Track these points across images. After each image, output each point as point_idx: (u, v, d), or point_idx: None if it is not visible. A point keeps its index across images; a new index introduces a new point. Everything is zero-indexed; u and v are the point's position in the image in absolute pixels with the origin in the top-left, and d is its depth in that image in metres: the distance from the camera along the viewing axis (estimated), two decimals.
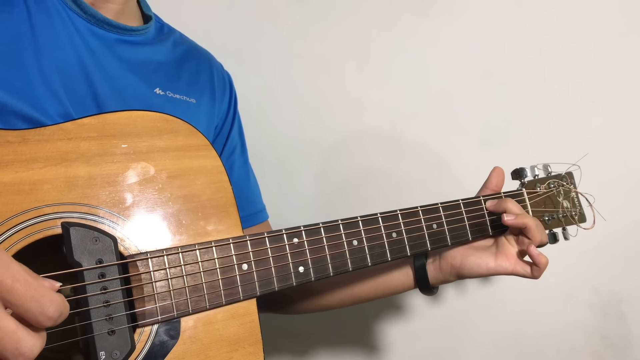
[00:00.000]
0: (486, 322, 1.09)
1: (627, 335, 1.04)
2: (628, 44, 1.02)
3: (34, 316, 0.41)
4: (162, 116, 0.59)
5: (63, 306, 0.42)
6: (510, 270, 0.74)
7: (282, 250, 0.61)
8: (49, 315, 0.41)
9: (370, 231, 0.67)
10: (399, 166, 1.10)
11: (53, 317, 0.41)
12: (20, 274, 0.41)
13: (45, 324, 0.41)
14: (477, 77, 1.07)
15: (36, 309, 0.41)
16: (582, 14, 1.03)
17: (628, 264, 1.04)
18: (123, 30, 0.70)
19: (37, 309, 0.41)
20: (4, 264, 0.40)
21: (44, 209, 0.51)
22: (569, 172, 0.86)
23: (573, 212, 0.85)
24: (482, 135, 1.07)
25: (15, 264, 0.41)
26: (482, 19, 1.06)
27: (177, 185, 0.58)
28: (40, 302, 0.41)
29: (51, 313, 0.41)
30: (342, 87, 1.11)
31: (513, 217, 0.73)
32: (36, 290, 0.41)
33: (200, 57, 0.83)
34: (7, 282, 0.40)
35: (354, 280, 0.83)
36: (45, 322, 0.41)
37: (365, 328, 1.13)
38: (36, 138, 0.52)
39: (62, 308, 0.42)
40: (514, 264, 0.74)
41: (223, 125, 0.84)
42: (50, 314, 0.41)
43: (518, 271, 0.74)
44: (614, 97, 1.03)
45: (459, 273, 0.77)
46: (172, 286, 0.55)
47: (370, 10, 1.09)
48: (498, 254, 0.75)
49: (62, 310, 0.42)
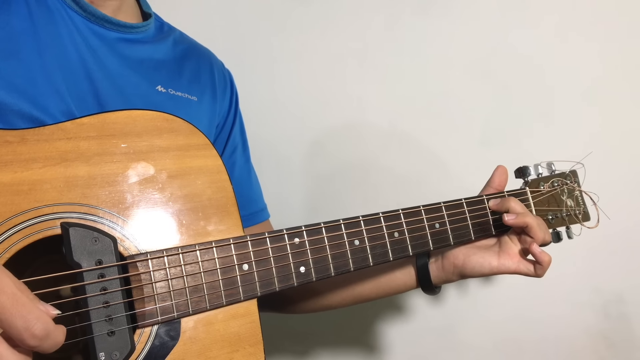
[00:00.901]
0: (486, 322, 1.09)
1: (628, 336, 1.04)
2: (630, 42, 1.01)
3: (19, 333, 0.39)
4: (162, 115, 0.59)
5: (51, 327, 0.40)
6: (514, 269, 0.74)
7: (283, 250, 0.61)
8: (34, 334, 0.39)
9: (372, 231, 0.67)
10: (399, 165, 1.10)
11: (38, 336, 0.39)
12: (8, 287, 0.39)
13: (29, 342, 0.39)
14: (477, 77, 1.06)
15: (21, 325, 0.38)
16: (582, 12, 1.02)
17: (630, 264, 1.03)
18: (123, 27, 0.70)
19: (22, 325, 0.38)
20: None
21: (43, 209, 0.51)
22: (572, 171, 0.86)
23: (577, 211, 0.85)
24: (482, 134, 1.07)
25: (5, 277, 0.39)
26: (483, 19, 1.05)
27: (177, 185, 0.58)
28: (26, 319, 0.39)
29: (37, 331, 0.39)
30: (342, 87, 1.11)
31: (514, 217, 0.73)
32: (23, 306, 0.39)
33: (201, 56, 0.82)
34: None
35: (355, 279, 0.83)
36: (29, 340, 0.39)
37: (365, 328, 1.13)
38: (35, 138, 0.52)
39: (49, 329, 0.40)
40: (517, 262, 0.74)
41: (224, 124, 0.84)
42: (37, 332, 0.39)
43: (521, 270, 0.73)
44: (617, 95, 1.02)
45: (461, 272, 0.76)
46: (172, 287, 0.54)
47: (371, 10, 1.09)
48: (501, 253, 0.75)
49: (49, 331, 0.40)
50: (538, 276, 0.73)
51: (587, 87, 1.03)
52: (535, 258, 0.72)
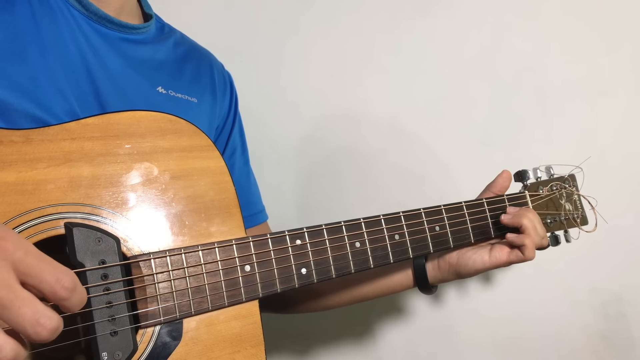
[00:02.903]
0: (486, 322, 1.09)
1: (627, 336, 1.04)
2: (631, 43, 1.02)
3: (50, 286, 0.40)
4: (166, 116, 0.59)
5: (77, 281, 0.42)
6: (505, 260, 0.75)
7: (284, 252, 0.61)
8: (65, 285, 0.40)
9: (373, 233, 0.67)
10: (400, 166, 1.10)
11: (69, 288, 0.41)
12: (32, 247, 0.41)
13: (61, 294, 0.40)
14: (478, 77, 1.06)
15: (51, 279, 0.40)
16: (582, 13, 1.03)
17: (629, 264, 1.04)
18: (125, 28, 0.70)
19: (53, 279, 0.40)
20: (16, 239, 0.40)
21: (47, 209, 0.51)
22: (571, 175, 0.86)
23: (575, 215, 0.85)
24: (482, 135, 1.07)
25: (25, 241, 0.41)
26: (483, 18, 1.06)
27: (180, 186, 0.58)
28: (55, 273, 0.40)
29: (67, 283, 0.40)
30: (342, 87, 1.11)
31: (510, 217, 0.76)
32: (50, 263, 0.41)
33: (201, 57, 0.83)
34: (20, 253, 0.39)
35: (353, 279, 0.84)
36: (61, 292, 0.40)
37: (365, 328, 1.13)
38: (40, 138, 0.52)
39: (76, 282, 0.42)
40: (507, 254, 0.75)
41: (224, 126, 0.84)
42: (66, 284, 0.40)
43: (512, 259, 0.75)
44: (617, 98, 1.03)
45: (457, 271, 0.78)
46: (174, 287, 0.55)
47: (371, 10, 1.09)
48: (492, 249, 0.76)
49: (76, 283, 0.41)
50: (529, 258, 0.74)
51: (588, 89, 1.03)
52: (515, 244, 0.74)
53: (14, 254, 0.39)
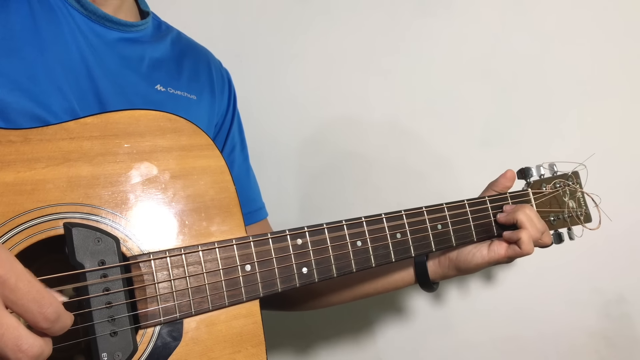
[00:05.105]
0: (486, 322, 1.09)
1: (629, 335, 1.04)
2: (630, 42, 1.01)
3: (33, 316, 0.41)
4: (165, 115, 0.59)
5: (62, 311, 0.43)
6: (503, 254, 0.75)
7: (285, 251, 0.60)
8: (47, 317, 0.42)
9: (375, 232, 0.66)
10: (400, 165, 1.10)
11: (50, 319, 0.42)
12: (23, 274, 0.41)
13: (42, 325, 0.42)
14: (478, 77, 1.06)
15: (36, 309, 0.41)
16: (583, 13, 1.02)
17: (630, 264, 1.03)
18: (123, 26, 0.70)
19: (37, 309, 0.41)
20: (8, 263, 0.41)
21: (46, 209, 0.50)
22: (575, 172, 0.86)
23: (579, 212, 0.85)
24: (482, 134, 1.06)
25: (18, 264, 0.42)
26: (483, 18, 1.05)
27: (180, 185, 0.58)
28: (40, 303, 0.41)
29: (49, 314, 0.42)
30: (342, 86, 1.11)
31: (505, 215, 0.76)
32: (38, 292, 0.42)
33: (199, 55, 0.82)
34: (11, 280, 0.40)
35: (354, 276, 0.83)
36: (42, 322, 0.42)
37: (365, 328, 1.13)
38: (38, 137, 0.52)
39: (60, 312, 0.43)
40: (505, 249, 0.75)
41: (223, 123, 0.84)
42: (48, 315, 0.42)
43: (510, 254, 0.75)
44: (618, 96, 1.02)
45: (457, 266, 0.78)
46: (174, 287, 0.54)
47: (371, 9, 1.08)
48: (491, 244, 0.76)
49: (60, 314, 0.43)
50: (527, 252, 0.74)
51: (589, 88, 1.03)
52: (510, 241, 0.75)
53: (5, 281, 0.40)
